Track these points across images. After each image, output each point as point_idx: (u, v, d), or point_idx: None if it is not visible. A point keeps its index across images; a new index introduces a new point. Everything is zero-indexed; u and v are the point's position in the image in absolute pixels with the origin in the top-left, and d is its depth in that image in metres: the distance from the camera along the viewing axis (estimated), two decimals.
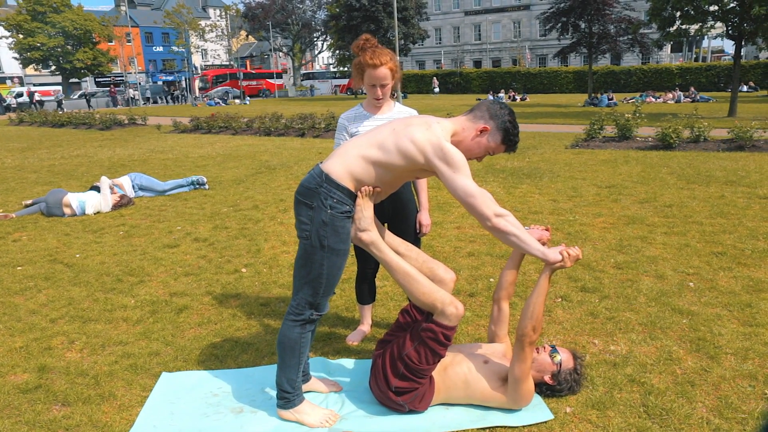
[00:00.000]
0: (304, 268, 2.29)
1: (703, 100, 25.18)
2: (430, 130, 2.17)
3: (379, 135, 2.24)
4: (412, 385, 2.38)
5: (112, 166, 10.43)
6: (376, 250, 2.34)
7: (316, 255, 2.24)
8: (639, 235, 4.93)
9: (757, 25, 15.69)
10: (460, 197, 2.13)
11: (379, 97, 2.73)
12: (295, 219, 2.30)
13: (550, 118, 17.92)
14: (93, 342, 3.26)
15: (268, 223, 5.86)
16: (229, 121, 16.71)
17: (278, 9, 54.17)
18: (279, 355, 2.40)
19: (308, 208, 2.22)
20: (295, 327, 2.35)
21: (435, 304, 2.31)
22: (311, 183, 2.23)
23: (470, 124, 2.27)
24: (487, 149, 2.28)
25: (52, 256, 4.96)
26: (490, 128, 2.25)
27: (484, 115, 2.27)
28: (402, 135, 2.18)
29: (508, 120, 2.26)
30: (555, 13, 26.99)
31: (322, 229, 2.21)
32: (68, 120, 21.60)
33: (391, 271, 2.35)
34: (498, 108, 2.26)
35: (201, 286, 4.12)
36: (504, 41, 57.78)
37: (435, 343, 2.32)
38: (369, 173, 2.21)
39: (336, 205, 2.20)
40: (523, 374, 2.32)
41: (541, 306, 2.26)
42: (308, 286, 2.30)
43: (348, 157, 2.22)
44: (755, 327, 3.13)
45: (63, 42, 42.35)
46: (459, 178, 2.12)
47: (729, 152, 9.38)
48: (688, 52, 50.70)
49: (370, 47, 2.63)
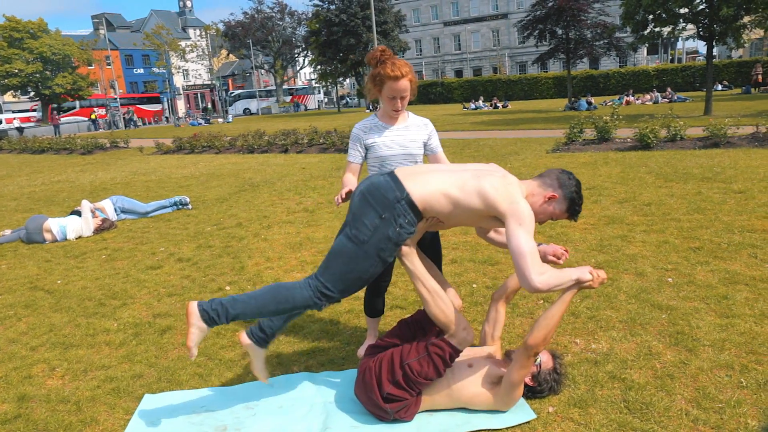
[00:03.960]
0: (346, 266, 2.30)
1: (680, 100, 25.60)
2: (510, 184, 2.28)
3: (462, 176, 2.32)
4: (404, 395, 2.40)
5: (94, 190, 10.36)
6: (409, 263, 2.41)
7: (365, 261, 2.28)
8: (619, 235, 5.00)
9: (726, 26, 16.04)
10: (513, 251, 2.17)
11: (398, 108, 2.76)
12: (352, 216, 2.32)
13: (531, 123, 18.12)
14: (75, 368, 3.23)
15: (252, 240, 5.85)
16: (212, 141, 16.69)
17: (258, 27, 54.39)
18: (270, 300, 2.35)
19: (377, 216, 2.27)
20: (307, 302, 2.34)
21: (451, 324, 2.37)
22: (389, 193, 2.28)
23: (540, 191, 2.38)
24: (552, 215, 2.40)
25: (33, 283, 4.91)
26: (558, 197, 2.36)
27: (553, 183, 2.37)
28: (483, 180, 2.27)
29: (575, 191, 2.37)
30: (532, 21, 27.42)
31: (384, 242, 2.27)
32: (49, 146, 21.44)
33: (419, 283, 2.40)
34: (566, 178, 2.38)
35: (185, 306, 4.10)
36: (483, 50, 58.46)
37: (440, 360, 2.37)
38: (442, 208, 2.30)
39: (406, 225, 2.29)
40: (519, 380, 2.37)
41: (558, 319, 2.29)
42: (341, 282, 2.31)
43: (430, 188, 2.30)
44: (731, 318, 3.19)
45: (41, 68, 42.11)
46: (521, 233, 2.17)
47: (705, 150, 9.54)
48: (663, 54, 51.66)
49: (389, 59, 2.66)
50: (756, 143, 9.51)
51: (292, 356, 3.19)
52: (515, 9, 55.09)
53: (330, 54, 41.15)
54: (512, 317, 3.47)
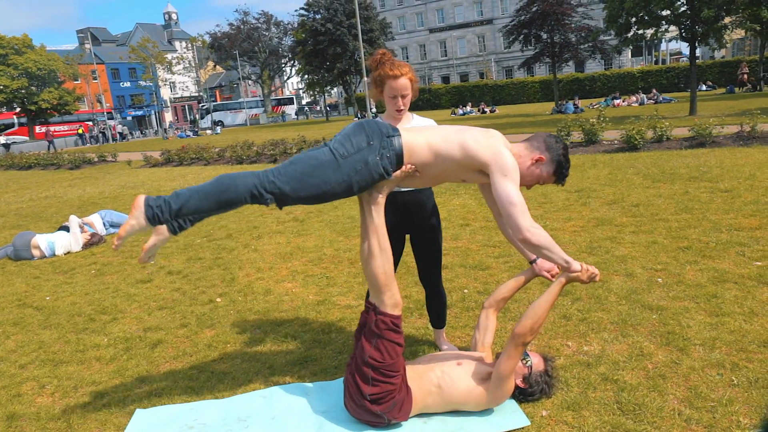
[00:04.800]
0: (312, 168, 2.27)
1: (666, 101, 25.87)
2: (493, 137, 2.34)
3: (447, 129, 2.39)
4: (385, 388, 2.39)
5: (83, 204, 10.28)
6: (376, 213, 2.43)
7: (333, 173, 2.27)
8: (608, 236, 5.03)
9: (707, 27, 16.27)
10: (502, 201, 2.21)
11: (400, 108, 2.77)
12: (343, 135, 2.35)
13: (519, 128, 18.21)
14: (65, 385, 3.19)
15: (242, 251, 5.83)
16: (200, 152, 16.64)
17: (244, 38, 54.43)
18: (212, 189, 2.29)
19: (366, 140, 2.31)
20: (250, 190, 2.27)
21: (386, 287, 2.40)
22: (383, 127, 2.35)
23: (527, 153, 2.41)
24: (539, 178, 2.42)
25: (21, 300, 4.85)
26: (545, 159, 2.39)
27: (540, 146, 2.41)
28: (467, 133, 2.34)
29: (562, 154, 2.41)
30: (516, 26, 27.62)
31: (361, 164, 2.29)
32: (36, 161, 21.26)
33: (374, 236, 2.42)
34: (554, 141, 2.42)
35: (175, 319, 4.07)
36: (470, 56, 58.80)
37: (391, 333, 2.39)
38: (424, 158, 2.34)
39: (386, 161, 2.31)
40: (508, 371, 2.36)
41: (545, 310, 2.31)
42: (296, 180, 2.27)
43: (418, 137, 2.35)
44: (721, 317, 3.21)
45: (27, 83, 41.77)
46: (507, 183, 2.22)
47: (691, 149, 9.64)
48: (648, 56, 52.22)
49: (388, 60, 2.71)
50: (740, 142, 9.62)
51: (284, 367, 3.17)
52: (500, 14, 55.49)
53: (317, 63, 41.26)
54: (504, 321, 3.48)
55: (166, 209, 2.25)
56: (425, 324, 3.53)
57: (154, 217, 2.25)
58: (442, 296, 3.15)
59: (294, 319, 3.85)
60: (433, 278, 3.10)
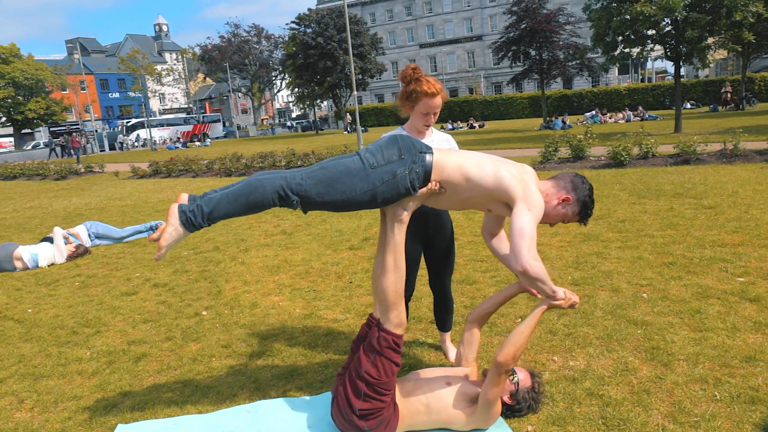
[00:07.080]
0: (340, 175, 2.27)
1: (651, 118, 26.27)
2: (527, 173, 2.34)
3: (481, 157, 2.39)
4: (376, 405, 2.38)
5: (68, 216, 10.17)
6: (398, 230, 2.42)
7: (360, 181, 2.27)
8: (594, 251, 5.06)
9: (691, 47, 16.60)
10: (515, 229, 2.20)
11: (430, 124, 2.88)
12: (376, 145, 2.36)
13: (507, 143, 18.39)
14: (45, 399, 3.13)
15: (229, 264, 5.79)
16: (189, 164, 16.57)
17: (235, 50, 54.60)
18: (240, 191, 2.28)
19: (397, 153, 2.31)
20: (277, 191, 2.26)
21: (394, 305, 2.40)
22: (416, 144, 2.35)
23: (554, 191, 2.43)
24: (564, 217, 2.44)
25: (1, 312, 4.77)
26: (572, 199, 2.41)
27: (567, 185, 2.43)
28: (502, 165, 2.34)
29: (588, 195, 2.43)
30: (506, 43, 28.02)
31: (388, 176, 2.29)
32: (21, 171, 21.04)
33: (391, 253, 2.42)
34: (580, 182, 2.44)
35: (160, 332, 4.03)
36: (459, 71, 59.41)
37: (390, 351, 2.38)
38: (453, 179, 2.33)
39: (414, 177, 2.30)
40: (495, 397, 2.37)
41: (527, 336, 2.32)
42: (323, 184, 2.27)
43: (449, 160, 2.35)
44: (704, 332, 3.24)
45: (13, 93, 41.44)
46: (528, 216, 2.21)
47: (676, 166, 9.78)
48: (634, 74, 53.08)
49: (422, 76, 2.75)
50: (724, 159, 9.78)
51: (269, 381, 3.14)
52: (489, 31, 56.24)
53: (307, 76, 41.39)
54: (490, 336, 3.48)
55: (199, 213, 2.27)
56: (425, 327, 3.52)
57: (188, 222, 2.27)
58: (450, 302, 3.30)
59: (280, 333, 3.83)
60: (444, 286, 3.25)
